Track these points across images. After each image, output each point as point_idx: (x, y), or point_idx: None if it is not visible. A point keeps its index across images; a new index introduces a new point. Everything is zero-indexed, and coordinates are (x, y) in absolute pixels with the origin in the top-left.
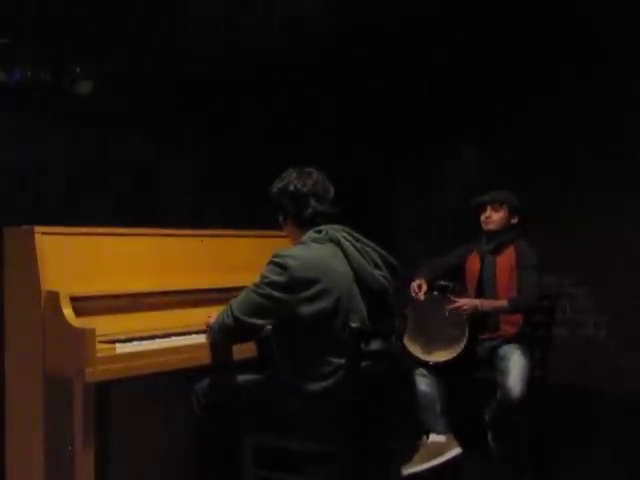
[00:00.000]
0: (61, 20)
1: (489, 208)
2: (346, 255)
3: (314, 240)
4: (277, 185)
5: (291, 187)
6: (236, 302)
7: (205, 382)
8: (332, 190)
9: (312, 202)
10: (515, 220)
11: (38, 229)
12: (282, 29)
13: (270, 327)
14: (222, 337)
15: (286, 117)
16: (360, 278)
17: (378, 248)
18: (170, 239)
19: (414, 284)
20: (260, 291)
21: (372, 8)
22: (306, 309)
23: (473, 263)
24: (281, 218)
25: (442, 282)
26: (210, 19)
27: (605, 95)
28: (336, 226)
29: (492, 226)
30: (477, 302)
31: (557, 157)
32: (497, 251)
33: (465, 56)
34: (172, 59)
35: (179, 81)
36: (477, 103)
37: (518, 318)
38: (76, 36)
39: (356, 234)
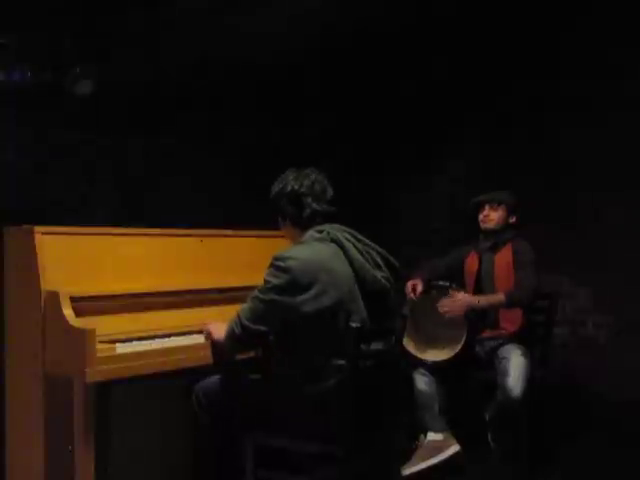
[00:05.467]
0: (61, 19)
1: (487, 207)
2: (347, 255)
3: (316, 240)
4: (275, 187)
5: (288, 188)
6: (243, 311)
7: (205, 382)
8: (330, 190)
9: (310, 202)
10: (513, 219)
11: (38, 229)
12: (282, 29)
13: None
14: (235, 346)
15: (286, 117)
16: (361, 279)
17: (379, 248)
18: (170, 239)
19: (409, 284)
20: (265, 297)
21: (373, 9)
22: (308, 310)
23: (471, 262)
24: (280, 220)
25: (440, 282)
26: (210, 18)
27: (605, 94)
28: (337, 226)
29: (490, 225)
30: (473, 299)
31: (557, 157)
32: (495, 249)
33: (466, 56)
34: (172, 58)
35: (179, 80)
36: (477, 103)
37: (518, 316)
38: (76, 36)
39: (358, 234)
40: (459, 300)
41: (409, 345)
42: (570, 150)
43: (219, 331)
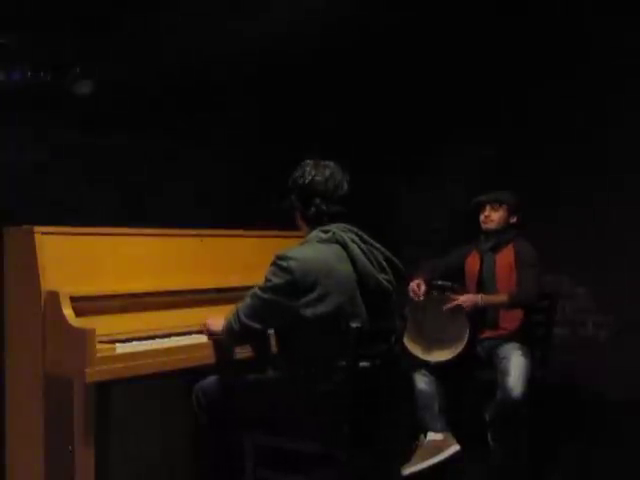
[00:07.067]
0: (61, 19)
1: (488, 207)
2: (351, 257)
3: (319, 240)
4: (293, 176)
5: (300, 181)
6: (242, 307)
7: (205, 382)
8: (345, 185)
9: (317, 201)
10: (514, 220)
11: (38, 229)
12: (283, 31)
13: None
14: (230, 341)
15: (287, 118)
16: (364, 281)
17: (384, 250)
18: (170, 239)
19: (413, 284)
20: (265, 296)
21: (373, 7)
22: (308, 312)
23: (472, 262)
24: (293, 210)
25: (441, 282)
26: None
27: (605, 95)
28: (343, 226)
29: (491, 225)
30: (477, 298)
31: (557, 157)
32: (496, 249)
33: (466, 55)
34: (171, 59)
35: (179, 82)
36: (478, 103)
37: (518, 316)
38: (76, 36)
39: (364, 235)
40: (463, 300)
41: (411, 346)
42: (570, 150)
43: (218, 324)
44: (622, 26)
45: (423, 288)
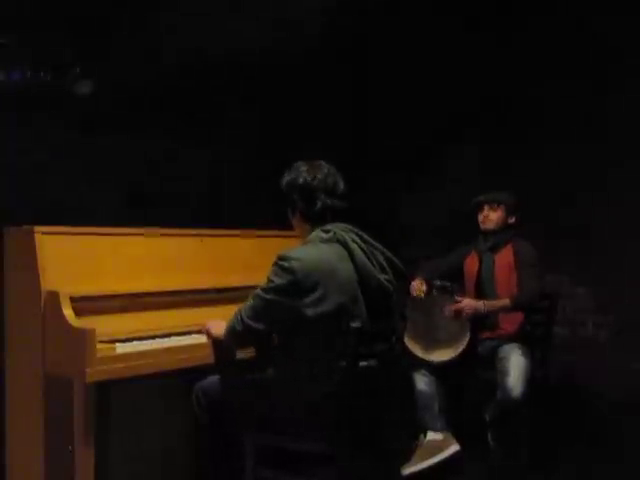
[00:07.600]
0: (61, 19)
1: (486, 208)
2: (352, 257)
3: (321, 240)
4: (286, 178)
5: (300, 180)
6: (245, 308)
7: (205, 382)
8: (342, 184)
9: (322, 196)
10: (512, 220)
11: (38, 229)
12: (281, 28)
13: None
14: (235, 343)
15: (287, 118)
16: (365, 281)
17: (385, 250)
18: (170, 239)
19: (415, 283)
20: (267, 297)
21: (373, 8)
22: (310, 311)
23: (471, 262)
24: (290, 212)
25: (440, 282)
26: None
27: (605, 95)
28: (344, 225)
29: (489, 225)
30: (479, 305)
31: (557, 157)
32: (495, 250)
33: (466, 55)
34: (171, 59)
35: (179, 82)
36: (478, 103)
37: (518, 316)
38: (76, 36)
39: (364, 235)
40: (465, 305)
41: (412, 345)
42: (570, 150)
43: (218, 328)
44: (622, 26)
45: (425, 287)
